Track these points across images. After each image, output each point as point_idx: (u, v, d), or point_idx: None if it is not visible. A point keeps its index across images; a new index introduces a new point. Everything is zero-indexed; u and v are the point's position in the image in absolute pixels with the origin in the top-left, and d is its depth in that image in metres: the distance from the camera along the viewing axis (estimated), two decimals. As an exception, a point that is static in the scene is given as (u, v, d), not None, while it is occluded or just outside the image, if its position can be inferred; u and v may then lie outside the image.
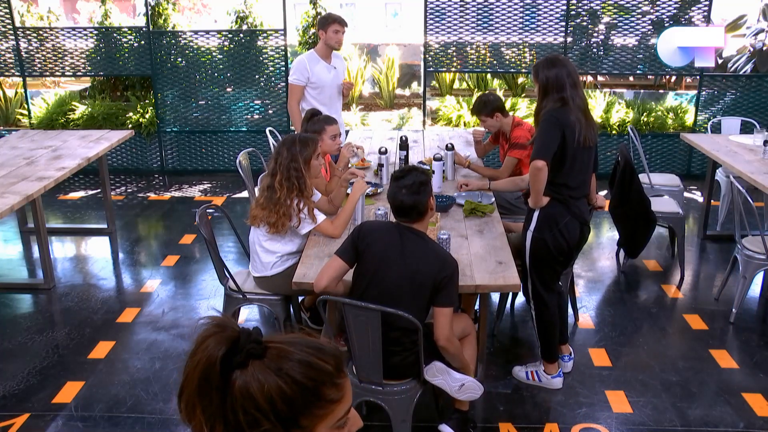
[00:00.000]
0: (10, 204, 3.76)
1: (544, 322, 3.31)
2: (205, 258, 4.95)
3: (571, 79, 3.05)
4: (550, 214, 3.13)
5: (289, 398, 0.97)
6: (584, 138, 3.04)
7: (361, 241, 2.69)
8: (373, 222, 2.88)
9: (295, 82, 4.83)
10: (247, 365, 0.98)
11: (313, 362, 1.00)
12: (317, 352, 1.02)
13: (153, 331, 3.98)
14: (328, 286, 2.72)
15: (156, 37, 6.78)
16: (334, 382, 1.02)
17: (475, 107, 4.20)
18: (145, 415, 3.20)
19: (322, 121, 3.90)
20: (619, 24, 6.51)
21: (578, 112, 3.04)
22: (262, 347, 0.99)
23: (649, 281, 4.63)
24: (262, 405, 0.96)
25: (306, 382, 0.99)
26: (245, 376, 0.97)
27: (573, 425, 3.13)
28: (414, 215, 2.63)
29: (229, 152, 7.09)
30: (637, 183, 3.99)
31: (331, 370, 1.02)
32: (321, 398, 1.00)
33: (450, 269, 2.58)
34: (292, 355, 1.00)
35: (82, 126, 7.18)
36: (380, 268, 2.62)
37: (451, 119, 8.01)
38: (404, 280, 2.58)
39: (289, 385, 0.97)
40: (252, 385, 0.97)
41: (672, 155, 6.88)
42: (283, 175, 3.18)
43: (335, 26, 4.76)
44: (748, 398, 3.32)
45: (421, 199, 2.60)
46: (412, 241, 2.62)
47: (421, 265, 2.57)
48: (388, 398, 2.71)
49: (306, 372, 0.99)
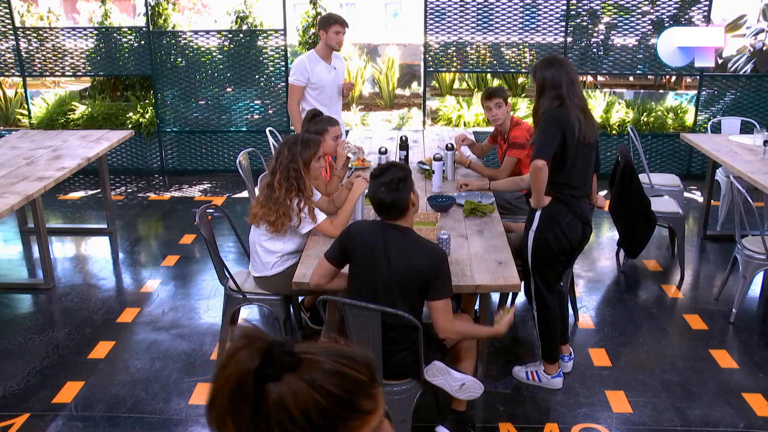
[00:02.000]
0: (10, 204, 3.76)
1: (545, 322, 3.31)
2: (205, 258, 4.95)
3: (569, 78, 3.04)
4: (552, 213, 3.13)
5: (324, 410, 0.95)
6: (584, 135, 3.04)
7: (348, 242, 2.69)
8: (361, 222, 2.88)
9: (295, 82, 4.82)
10: (281, 378, 0.95)
11: (347, 373, 0.98)
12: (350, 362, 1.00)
13: (153, 331, 3.98)
14: (320, 284, 2.79)
15: (156, 37, 6.78)
16: (369, 393, 1.00)
17: (495, 89, 4.19)
18: (145, 415, 3.20)
19: (324, 122, 3.89)
20: (619, 24, 6.51)
21: (577, 111, 3.03)
22: (296, 359, 0.97)
23: (649, 281, 4.63)
24: (298, 418, 0.94)
25: (341, 393, 0.96)
26: (279, 388, 0.95)
27: (573, 425, 3.13)
28: (395, 212, 2.62)
29: (229, 152, 7.09)
30: (637, 183, 3.99)
31: (366, 380, 1.00)
32: (356, 410, 0.98)
33: (437, 261, 2.55)
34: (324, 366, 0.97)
35: (82, 126, 7.19)
36: (369, 268, 2.62)
37: (451, 119, 8.01)
38: (393, 278, 2.57)
39: (324, 397, 0.95)
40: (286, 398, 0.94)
41: (672, 155, 6.88)
42: (282, 175, 3.18)
43: (336, 27, 4.75)
44: (748, 398, 3.32)
45: (400, 195, 2.58)
46: (397, 239, 2.60)
47: (408, 261, 2.56)
48: (388, 398, 2.71)
49: (341, 383, 0.97)
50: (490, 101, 4.16)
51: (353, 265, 2.70)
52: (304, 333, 3.93)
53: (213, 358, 3.66)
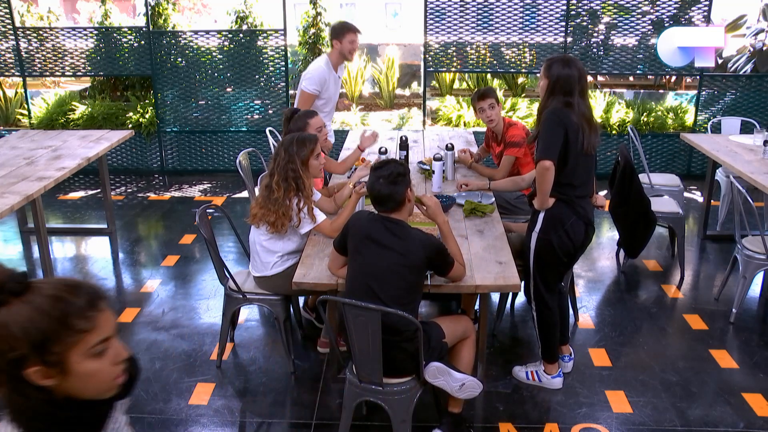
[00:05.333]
0: (10, 204, 3.76)
1: (545, 322, 3.31)
2: (205, 258, 4.95)
3: (580, 86, 3.03)
4: (555, 215, 3.13)
5: (39, 328, 1.15)
6: (587, 146, 3.04)
7: (348, 230, 2.82)
8: (360, 212, 2.96)
9: (311, 91, 4.58)
10: (8, 302, 1.16)
11: (64, 297, 1.18)
12: (71, 289, 1.20)
13: (153, 331, 3.98)
14: (334, 272, 2.95)
15: (156, 37, 6.78)
16: (85, 315, 1.18)
17: (486, 90, 4.15)
18: (145, 415, 3.20)
19: (303, 117, 3.80)
20: (619, 24, 6.51)
21: (581, 119, 3.02)
22: (23, 286, 1.17)
23: (649, 281, 4.63)
24: (17, 334, 1.14)
25: (55, 313, 1.16)
26: (4, 311, 1.15)
27: (573, 425, 3.13)
28: (391, 204, 2.73)
29: (229, 152, 7.09)
30: (637, 183, 3.98)
31: (82, 304, 1.19)
32: (69, 327, 1.17)
33: (435, 246, 2.71)
34: (45, 291, 1.18)
35: (82, 126, 7.19)
36: (360, 255, 2.72)
37: (451, 119, 8.01)
38: (385, 265, 2.65)
39: (40, 316, 1.15)
40: (8, 318, 1.15)
41: (672, 155, 6.88)
42: (280, 176, 3.19)
43: (351, 35, 4.56)
44: (748, 398, 3.32)
45: (397, 189, 2.71)
46: (392, 231, 2.70)
47: (405, 251, 2.66)
48: (388, 398, 2.71)
49: (55, 305, 1.16)
50: (483, 102, 4.15)
51: (350, 252, 2.79)
52: (305, 333, 3.94)
53: (213, 358, 3.66)
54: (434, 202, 2.97)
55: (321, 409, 3.25)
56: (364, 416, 3.16)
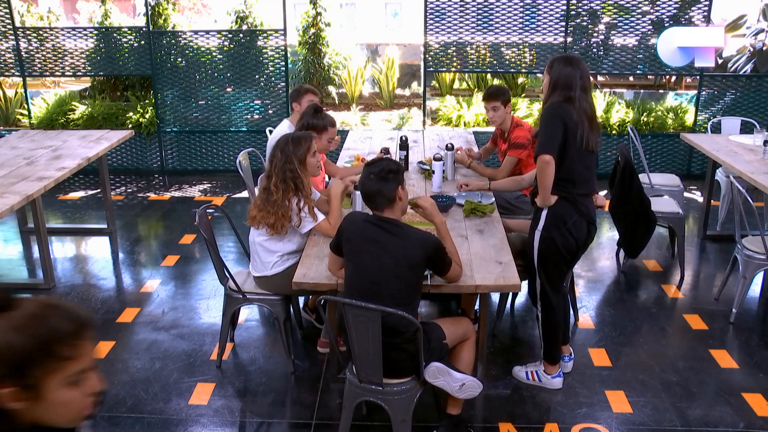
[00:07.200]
0: (10, 204, 3.76)
1: (549, 323, 3.30)
2: (205, 258, 4.95)
3: (582, 83, 3.04)
4: (558, 213, 3.13)
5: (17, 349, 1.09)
6: (587, 143, 3.04)
7: (341, 231, 2.79)
8: (354, 214, 2.93)
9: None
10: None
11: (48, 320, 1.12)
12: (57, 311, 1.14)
13: (153, 331, 3.97)
14: (334, 272, 2.93)
15: (156, 37, 6.78)
16: (69, 342, 1.13)
17: (494, 91, 4.16)
18: (145, 415, 3.20)
19: (327, 120, 3.80)
20: (619, 24, 6.51)
21: (582, 115, 3.02)
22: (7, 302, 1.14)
23: (649, 281, 4.63)
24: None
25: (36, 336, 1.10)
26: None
27: (573, 425, 3.13)
28: (381, 202, 2.68)
29: (229, 152, 7.09)
30: (637, 183, 3.98)
31: (68, 330, 1.13)
32: (51, 353, 1.11)
33: (433, 244, 2.67)
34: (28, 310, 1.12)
35: (82, 126, 7.19)
36: (358, 257, 2.69)
37: (451, 119, 8.01)
38: (384, 265, 2.63)
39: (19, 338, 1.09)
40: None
41: (672, 155, 6.88)
42: (278, 177, 3.18)
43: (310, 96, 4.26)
44: (748, 398, 3.32)
45: (387, 185, 2.66)
46: (388, 230, 2.67)
47: (403, 249, 2.62)
48: (388, 398, 2.71)
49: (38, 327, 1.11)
50: (487, 103, 4.20)
51: (346, 254, 2.76)
52: (304, 333, 3.94)
53: (213, 358, 3.66)
54: (430, 203, 2.95)
55: (321, 409, 3.25)
56: (364, 416, 3.16)
